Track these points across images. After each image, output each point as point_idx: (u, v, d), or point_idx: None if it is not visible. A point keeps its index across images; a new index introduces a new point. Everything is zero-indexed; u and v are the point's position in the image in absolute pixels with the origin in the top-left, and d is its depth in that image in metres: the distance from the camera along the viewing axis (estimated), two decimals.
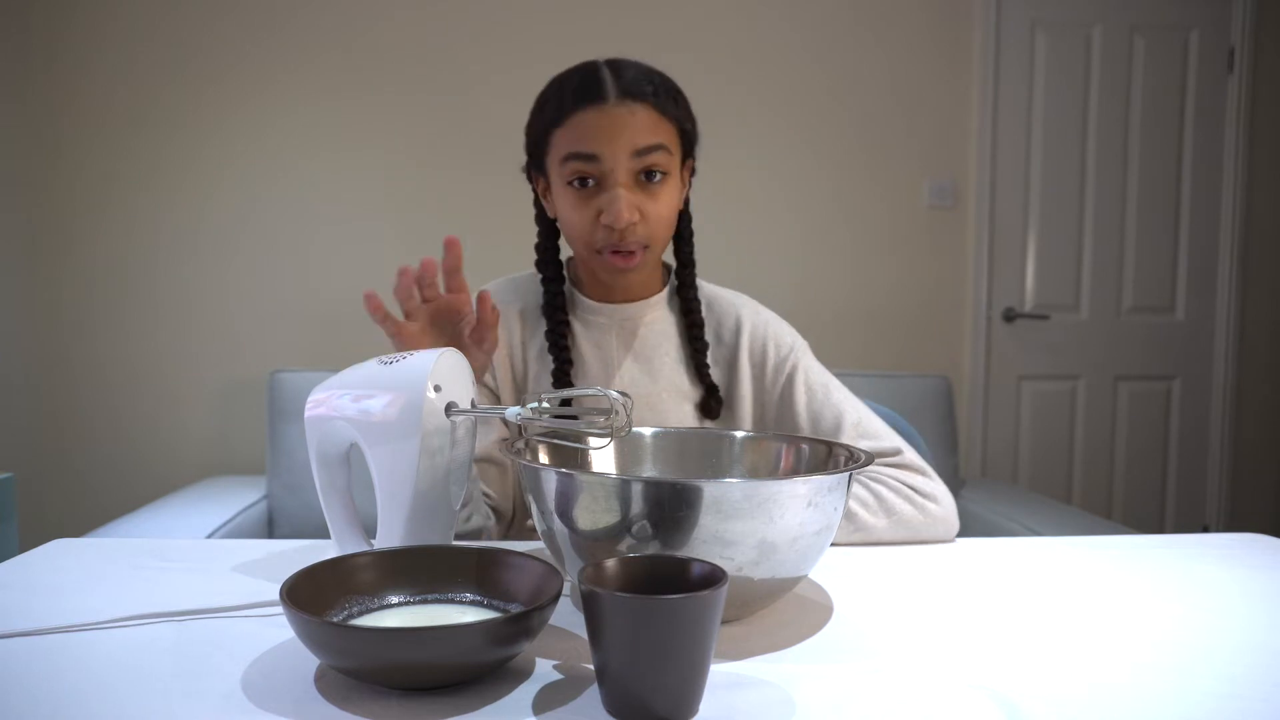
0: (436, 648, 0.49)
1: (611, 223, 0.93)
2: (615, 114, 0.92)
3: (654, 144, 0.93)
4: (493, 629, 0.50)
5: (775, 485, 0.58)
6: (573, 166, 0.94)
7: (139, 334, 2.54)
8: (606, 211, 0.93)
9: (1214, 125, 2.94)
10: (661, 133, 0.94)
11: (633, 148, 0.93)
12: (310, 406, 0.75)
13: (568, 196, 0.96)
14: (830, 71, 2.74)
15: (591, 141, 0.93)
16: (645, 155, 0.93)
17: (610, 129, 0.92)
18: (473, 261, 1.28)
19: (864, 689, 0.53)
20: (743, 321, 1.07)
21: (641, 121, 0.93)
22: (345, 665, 0.51)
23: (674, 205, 0.98)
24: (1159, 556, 0.86)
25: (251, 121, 2.54)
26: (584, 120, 0.93)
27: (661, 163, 0.94)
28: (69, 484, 2.54)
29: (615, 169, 0.93)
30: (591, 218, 0.95)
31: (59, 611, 0.65)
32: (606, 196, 0.93)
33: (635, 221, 0.94)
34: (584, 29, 2.62)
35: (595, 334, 1.05)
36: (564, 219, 0.99)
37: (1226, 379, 2.99)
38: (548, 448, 0.78)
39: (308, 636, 0.51)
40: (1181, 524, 3.00)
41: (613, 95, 0.93)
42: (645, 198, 0.95)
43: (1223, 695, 0.53)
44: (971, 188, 2.83)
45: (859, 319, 2.78)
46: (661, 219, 0.96)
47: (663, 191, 0.96)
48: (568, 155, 0.94)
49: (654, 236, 0.97)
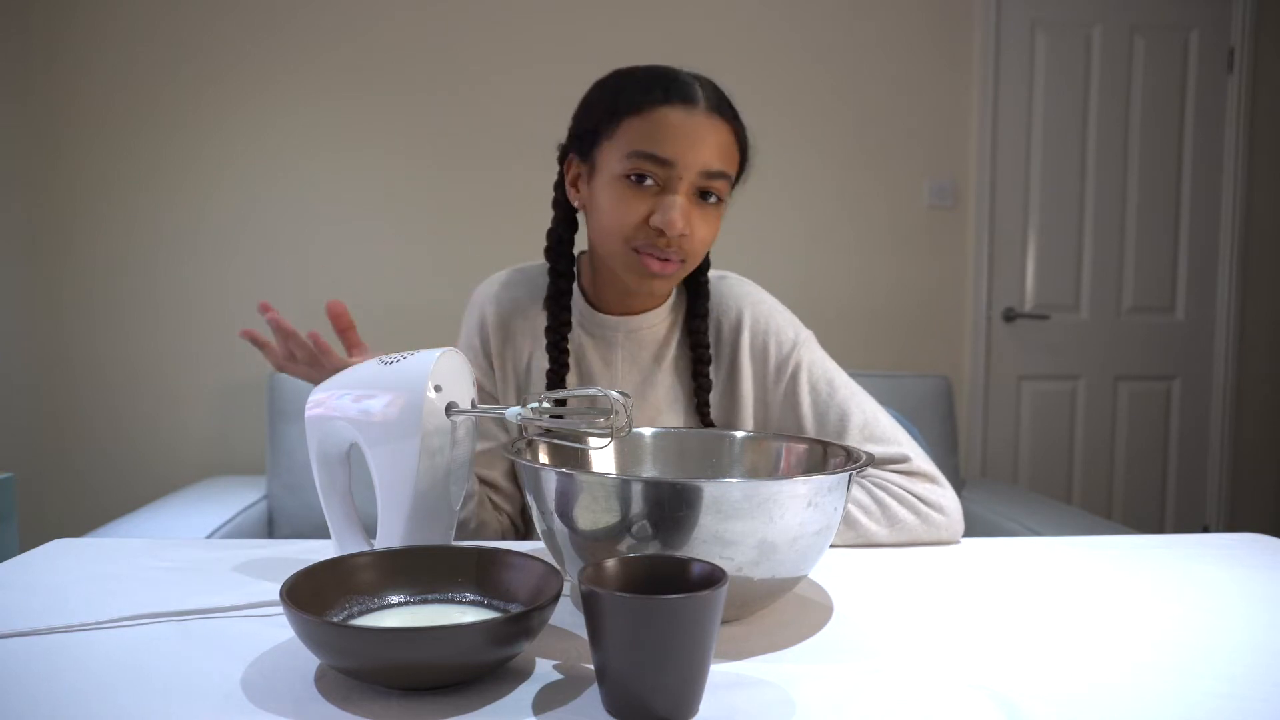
0: (436, 648, 0.49)
1: (665, 227, 0.88)
2: (702, 123, 0.89)
3: (724, 170, 0.91)
4: (493, 629, 0.50)
5: (775, 485, 0.58)
6: (638, 163, 0.89)
7: (139, 334, 2.54)
8: (661, 214, 0.89)
9: (1214, 125, 2.94)
10: (730, 160, 0.92)
11: (706, 166, 0.89)
12: (310, 406, 0.75)
13: (619, 189, 0.91)
14: (831, 71, 2.74)
15: (671, 143, 0.88)
16: (712, 179, 0.90)
17: (693, 136, 0.89)
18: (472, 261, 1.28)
19: (864, 689, 0.53)
20: (743, 317, 1.03)
21: (722, 141, 0.90)
22: (345, 665, 0.51)
23: (717, 231, 0.95)
24: (1159, 556, 0.86)
25: (251, 121, 2.54)
26: (668, 118, 0.89)
27: (721, 189, 0.92)
28: (69, 484, 2.54)
29: (684, 178, 0.89)
30: (642, 216, 0.90)
31: (59, 611, 0.65)
32: (667, 200, 0.89)
33: (686, 234, 0.90)
34: (584, 30, 2.62)
35: (603, 348, 1.02)
36: (607, 209, 0.92)
37: (1226, 379, 2.99)
38: (548, 448, 0.78)
39: (308, 636, 0.51)
40: (1181, 524, 3.00)
41: (703, 103, 0.90)
42: (698, 215, 0.91)
43: (1223, 695, 0.53)
44: (971, 188, 2.83)
45: (860, 319, 2.78)
46: (704, 242, 0.93)
47: (713, 215, 0.93)
48: (639, 151, 0.89)
49: (694, 254, 0.93)
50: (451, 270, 2.58)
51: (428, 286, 2.60)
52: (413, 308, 2.59)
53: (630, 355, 1.02)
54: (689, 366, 1.03)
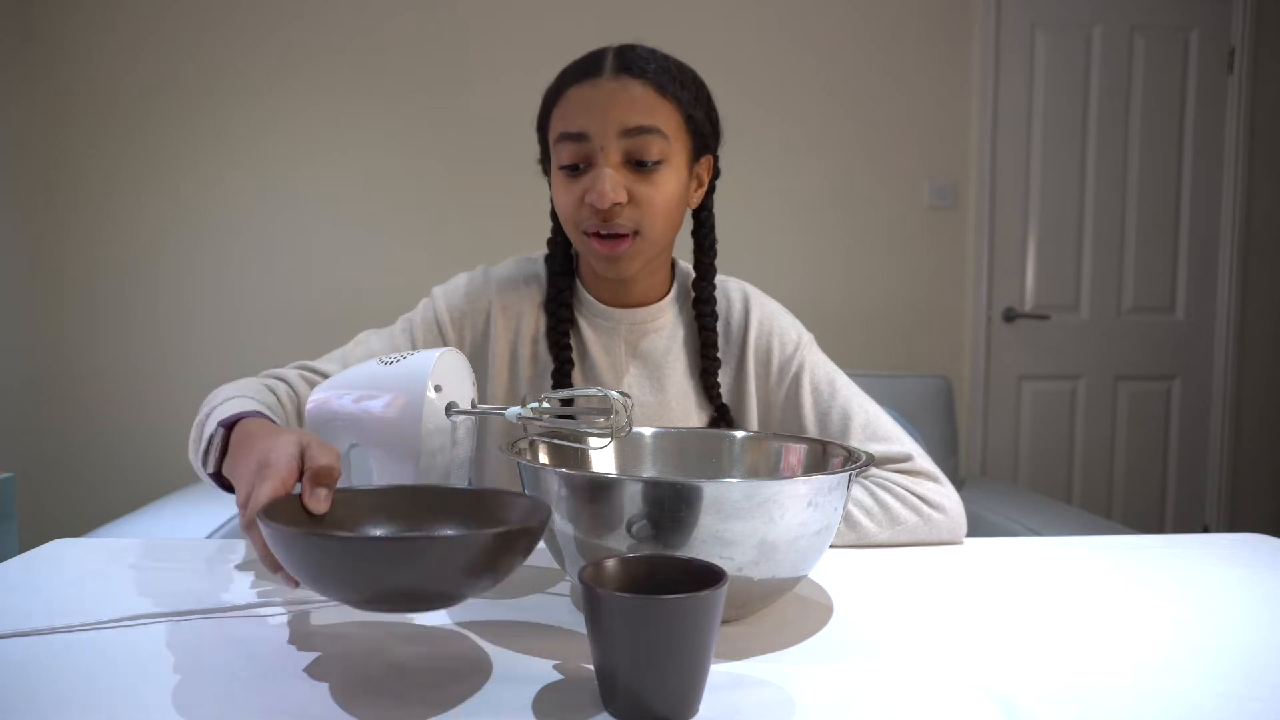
0: (423, 560, 0.47)
1: (594, 201, 0.86)
2: (606, 88, 0.87)
3: (646, 125, 0.86)
4: (482, 541, 0.48)
5: (775, 485, 0.58)
6: (563, 147, 0.89)
7: (139, 334, 2.54)
8: (590, 190, 0.87)
9: (1214, 125, 2.93)
10: (658, 115, 0.87)
11: (621, 125, 0.86)
12: (310, 406, 0.75)
13: (559, 180, 0.91)
14: (830, 72, 2.74)
15: (580, 117, 0.87)
16: (635, 135, 0.86)
17: (601, 103, 0.87)
18: (472, 262, 1.29)
19: (864, 689, 0.53)
20: (750, 315, 1.03)
21: (635, 98, 0.87)
22: (327, 583, 0.48)
23: (672, 195, 0.90)
24: (1159, 556, 0.85)
25: (252, 122, 2.54)
26: (576, 96, 0.88)
27: (656, 148, 0.87)
28: (69, 484, 2.54)
29: (605, 148, 0.87)
30: (578, 198, 0.89)
31: (59, 611, 0.65)
32: (591, 175, 0.88)
33: (621, 202, 0.87)
34: (584, 31, 2.62)
35: (603, 337, 1.01)
36: (556, 204, 0.93)
37: (1226, 379, 2.99)
38: (548, 448, 0.78)
39: (289, 551, 0.47)
40: (1181, 524, 3.00)
41: (607, 71, 0.88)
42: (637, 180, 0.88)
43: (1223, 695, 0.53)
44: (971, 188, 2.83)
45: (859, 319, 2.78)
46: (655, 205, 0.89)
47: (658, 177, 0.89)
48: (559, 136, 0.89)
49: (646, 222, 0.89)
50: (452, 271, 2.55)
51: (428, 287, 2.58)
52: (412, 308, 2.59)
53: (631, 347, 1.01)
54: (698, 351, 1.02)
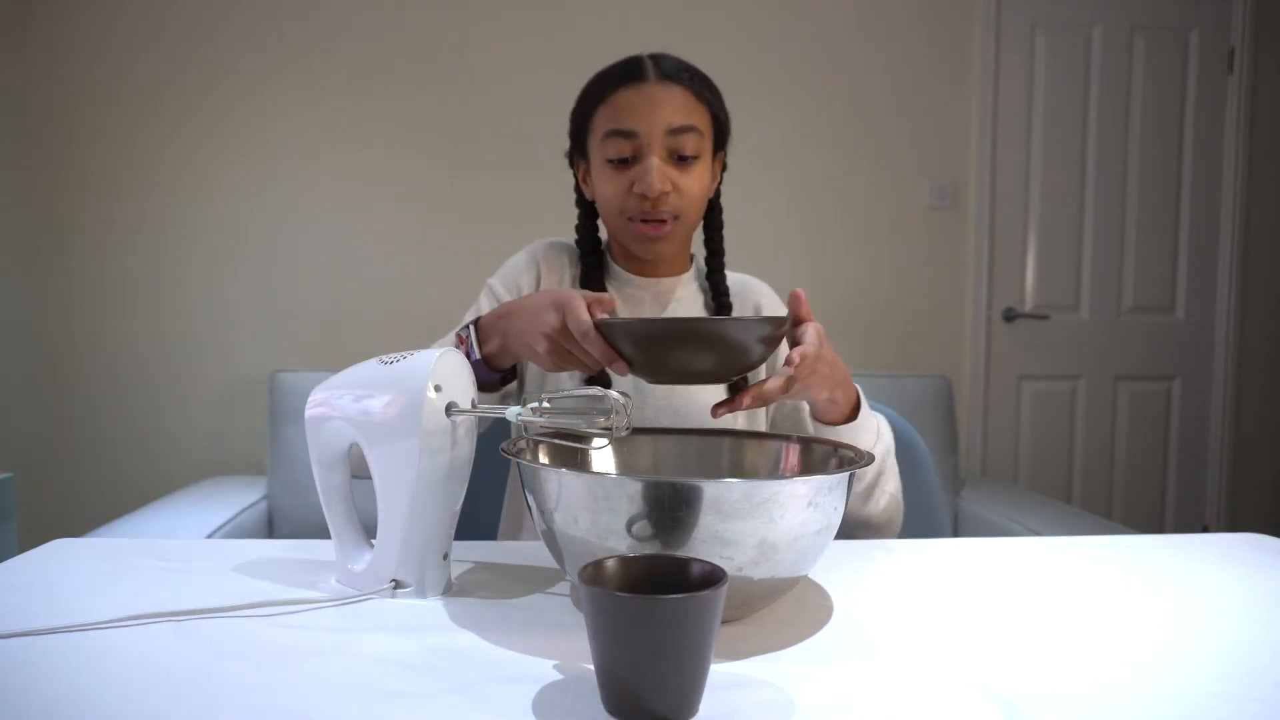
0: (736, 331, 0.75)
1: (644, 190, 0.98)
2: (653, 92, 0.99)
3: (688, 125, 0.99)
4: (767, 324, 0.76)
5: (775, 485, 0.58)
6: (611, 143, 0.99)
7: (139, 334, 2.54)
8: (640, 181, 0.98)
9: (1214, 125, 2.93)
10: (695, 116, 1.00)
11: (668, 125, 0.98)
12: (310, 406, 0.75)
13: (605, 172, 1.02)
14: (830, 72, 2.74)
15: (629, 117, 0.99)
16: (679, 135, 0.99)
17: (647, 105, 0.98)
18: (473, 262, 1.29)
19: (864, 689, 0.53)
20: (760, 310, 1.12)
21: (677, 102, 0.99)
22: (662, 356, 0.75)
23: (704, 186, 1.03)
24: (1159, 556, 0.86)
25: (253, 122, 2.54)
26: (624, 98, 0.99)
27: (693, 145, 1.00)
28: (69, 484, 2.54)
29: (651, 143, 0.98)
30: (626, 188, 1.00)
31: (59, 611, 0.65)
32: (640, 167, 0.99)
33: (668, 191, 0.99)
34: (586, 33, 2.62)
35: (631, 305, 1.09)
36: (601, 194, 1.04)
37: (1226, 379, 2.99)
38: (548, 448, 0.78)
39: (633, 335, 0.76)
40: (1181, 524, 3.00)
41: (652, 76, 1.00)
42: (678, 173, 1.00)
43: (1222, 695, 0.53)
44: (971, 188, 2.83)
45: (859, 319, 2.78)
46: (693, 195, 1.01)
47: (695, 170, 1.01)
48: (607, 132, 1.00)
49: (684, 209, 1.01)
50: (452, 271, 2.58)
51: (428, 287, 2.60)
52: (413, 308, 2.59)
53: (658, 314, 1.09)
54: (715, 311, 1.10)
